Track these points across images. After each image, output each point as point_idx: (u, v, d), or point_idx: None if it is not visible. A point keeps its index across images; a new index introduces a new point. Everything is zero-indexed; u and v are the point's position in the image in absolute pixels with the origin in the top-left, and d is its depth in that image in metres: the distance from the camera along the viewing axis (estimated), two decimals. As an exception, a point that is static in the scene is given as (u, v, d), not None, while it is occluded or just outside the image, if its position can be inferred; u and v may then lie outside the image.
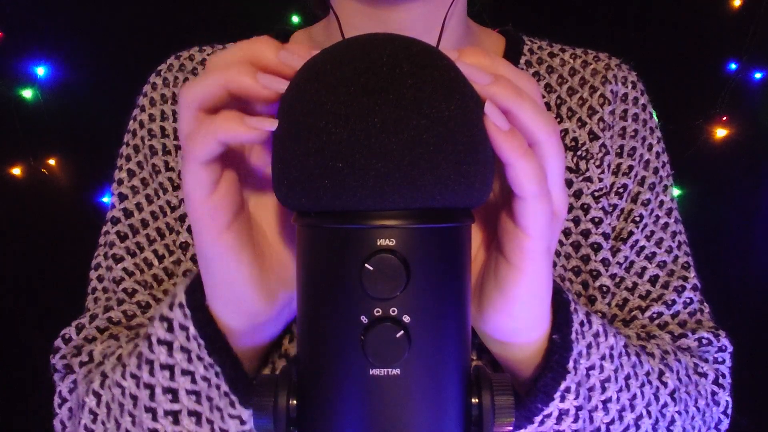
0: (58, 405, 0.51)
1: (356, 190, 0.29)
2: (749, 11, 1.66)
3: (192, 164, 0.34)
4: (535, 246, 0.35)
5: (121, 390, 0.44)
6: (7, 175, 1.69)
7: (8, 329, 1.68)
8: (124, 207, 0.58)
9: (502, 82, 0.33)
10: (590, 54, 0.64)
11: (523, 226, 0.34)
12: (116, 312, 0.54)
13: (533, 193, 0.33)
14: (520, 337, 0.40)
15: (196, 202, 0.35)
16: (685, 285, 0.58)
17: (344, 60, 0.30)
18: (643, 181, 0.60)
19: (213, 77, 0.33)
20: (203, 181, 0.34)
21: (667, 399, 0.49)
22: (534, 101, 0.34)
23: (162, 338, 0.41)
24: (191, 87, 0.34)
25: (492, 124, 0.32)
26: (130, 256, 0.56)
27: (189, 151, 0.33)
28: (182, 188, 0.35)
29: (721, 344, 0.56)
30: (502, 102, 0.33)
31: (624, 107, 0.61)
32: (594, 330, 0.44)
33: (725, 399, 0.55)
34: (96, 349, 0.50)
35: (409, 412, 0.31)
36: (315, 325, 0.32)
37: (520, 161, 0.32)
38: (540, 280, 0.36)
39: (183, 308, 0.40)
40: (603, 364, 0.44)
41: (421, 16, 0.55)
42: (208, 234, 0.35)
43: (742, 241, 1.73)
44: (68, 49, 1.63)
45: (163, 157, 0.58)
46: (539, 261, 0.35)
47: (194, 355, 0.41)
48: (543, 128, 0.34)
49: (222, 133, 0.33)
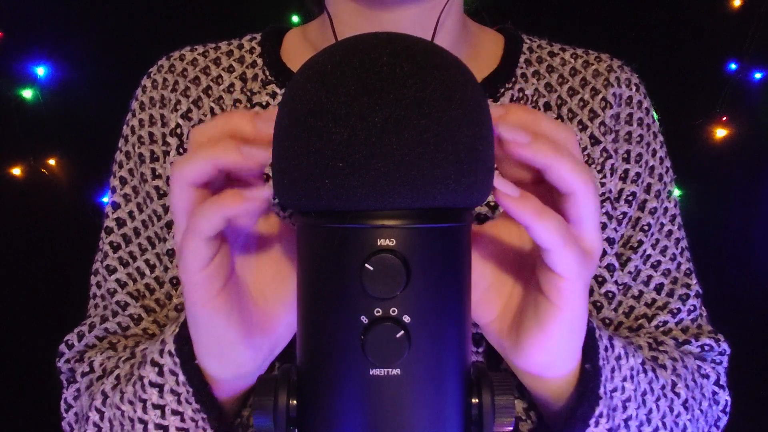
0: (64, 410, 0.56)
1: (356, 190, 0.29)
2: (749, 11, 1.66)
3: (195, 240, 0.35)
4: (571, 286, 0.36)
5: (120, 412, 0.48)
6: (7, 175, 1.69)
7: (8, 329, 1.68)
8: (117, 217, 0.59)
9: (541, 140, 0.35)
10: (591, 54, 0.63)
11: (557, 271, 0.35)
12: (111, 323, 0.57)
13: (557, 246, 0.34)
14: (556, 371, 0.41)
15: (193, 273, 0.36)
16: (688, 293, 0.59)
17: (344, 59, 0.30)
18: (649, 189, 0.60)
19: (201, 157, 0.35)
20: (203, 256, 0.35)
21: (680, 409, 0.51)
22: (571, 155, 0.35)
23: (153, 381, 0.45)
24: (182, 166, 0.35)
25: (503, 194, 0.34)
26: (122, 266, 0.58)
27: (194, 226, 0.35)
28: (179, 259, 0.36)
29: (721, 348, 0.58)
30: (540, 160, 0.34)
31: (629, 111, 0.60)
32: (616, 353, 0.46)
33: (725, 398, 0.57)
34: (96, 359, 0.54)
35: (409, 412, 0.31)
36: (315, 325, 0.32)
37: (537, 223, 0.33)
38: (578, 316, 0.38)
39: (173, 356, 0.43)
40: (624, 385, 0.46)
41: (415, 16, 0.55)
42: (199, 299, 0.37)
43: (742, 241, 1.73)
44: (68, 49, 1.63)
45: (150, 165, 0.58)
46: (577, 299, 0.36)
47: (183, 399, 0.44)
48: (579, 181, 0.35)
49: (228, 209, 0.34)
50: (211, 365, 0.42)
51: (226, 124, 0.36)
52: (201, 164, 0.35)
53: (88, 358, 0.55)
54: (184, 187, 0.35)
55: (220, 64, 0.61)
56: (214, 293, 0.36)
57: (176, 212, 0.37)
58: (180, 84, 0.60)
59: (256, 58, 0.61)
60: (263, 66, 0.60)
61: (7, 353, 1.67)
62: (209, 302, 0.37)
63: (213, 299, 0.37)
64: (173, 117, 0.58)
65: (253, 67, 0.61)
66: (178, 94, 0.59)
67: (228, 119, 0.36)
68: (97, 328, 0.57)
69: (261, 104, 0.58)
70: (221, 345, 0.39)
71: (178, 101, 0.59)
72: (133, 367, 0.49)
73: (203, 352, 0.41)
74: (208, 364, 0.42)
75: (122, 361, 0.52)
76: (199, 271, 0.36)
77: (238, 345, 0.39)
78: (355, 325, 0.30)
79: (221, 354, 0.40)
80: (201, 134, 0.36)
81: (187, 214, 0.36)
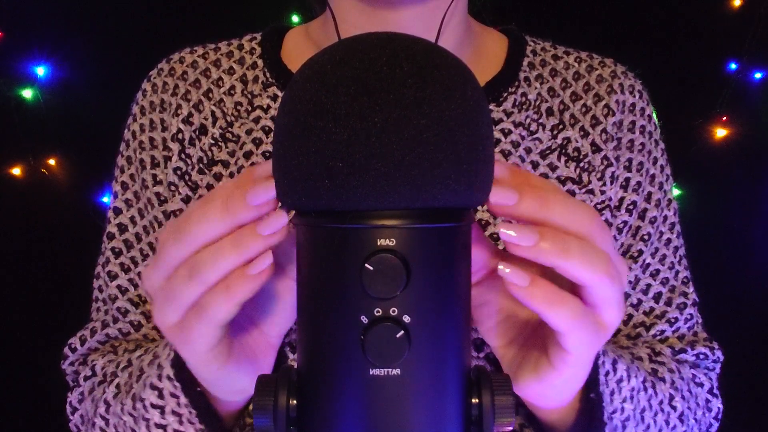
0: (70, 413, 0.57)
1: (356, 190, 0.29)
2: (749, 11, 1.66)
3: (209, 326, 0.34)
4: (578, 360, 0.35)
5: (123, 421, 0.49)
6: (7, 175, 1.69)
7: (8, 329, 1.68)
8: (119, 222, 0.59)
9: (548, 239, 0.32)
10: (596, 59, 0.63)
11: (565, 348, 0.34)
12: (112, 329, 0.57)
13: (569, 331, 0.33)
14: (553, 405, 0.41)
15: (201, 354, 0.36)
16: (686, 302, 0.59)
17: (344, 59, 0.30)
18: (650, 198, 0.59)
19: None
20: (213, 338, 0.35)
21: (676, 422, 0.52)
22: (582, 249, 0.32)
23: (155, 403, 0.45)
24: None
25: (511, 284, 0.32)
26: (123, 272, 0.58)
27: (206, 314, 0.34)
28: (178, 337, 0.36)
29: (715, 357, 0.59)
30: (546, 262, 0.32)
31: (632, 118, 0.60)
32: (618, 376, 0.46)
33: (717, 406, 0.58)
34: (98, 362, 0.55)
35: (409, 412, 0.31)
36: (315, 325, 0.32)
37: (547, 312, 0.33)
38: (582, 373, 0.37)
39: (172, 381, 0.44)
40: (624, 406, 0.46)
41: (419, 16, 0.54)
42: (193, 355, 0.37)
43: (742, 241, 1.73)
44: (68, 49, 1.63)
45: (151, 171, 0.58)
46: (583, 366, 0.36)
47: (185, 419, 0.44)
48: (592, 275, 0.33)
49: (240, 295, 0.33)
50: (212, 389, 0.42)
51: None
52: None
53: (91, 361, 0.55)
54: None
55: (220, 66, 0.61)
56: (208, 349, 0.36)
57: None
58: (180, 88, 0.59)
59: (257, 59, 0.61)
60: (264, 67, 0.60)
61: (7, 353, 1.67)
62: (204, 356, 0.37)
63: (207, 353, 0.36)
64: (174, 121, 0.58)
65: (253, 68, 0.60)
66: (179, 98, 0.59)
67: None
68: (98, 333, 0.57)
69: (262, 107, 0.58)
70: (223, 381, 0.39)
71: (178, 105, 0.59)
72: (131, 377, 0.49)
73: (204, 384, 0.41)
74: (208, 388, 0.42)
75: (120, 370, 0.52)
76: (207, 353, 0.36)
77: (240, 377, 0.39)
78: (355, 325, 0.30)
79: (223, 387, 0.40)
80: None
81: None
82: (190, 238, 0.34)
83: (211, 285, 0.34)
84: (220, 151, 0.57)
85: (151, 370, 0.46)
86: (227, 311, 0.34)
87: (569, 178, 0.56)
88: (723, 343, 0.60)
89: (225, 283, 0.33)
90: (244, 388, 0.40)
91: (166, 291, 0.35)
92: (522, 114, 0.58)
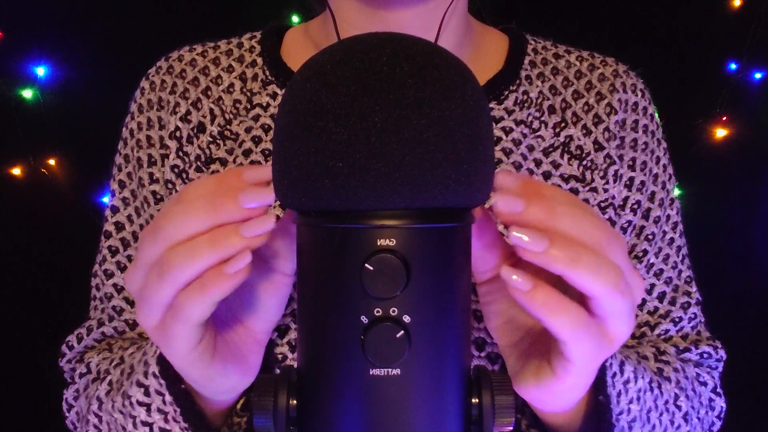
0: (66, 409, 0.57)
1: (356, 190, 0.29)
2: (749, 11, 1.66)
3: (185, 326, 0.34)
4: (580, 370, 0.34)
5: (114, 419, 0.49)
6: (7, 175, 1.69)
7: (8, 329, 1.68)
8: (116, 221, 0.59)
9: (557, 246, 0.32)
10: (597, 58, 0.63)
11: (567, 358, 0.34)
12: (108, 328, 0.57)
13: (571, 340, 0.33)
14: (557, 409, 0.41)
15: (182, 357, 0.36)
16: (689, 301, 0.59)
17: (344, 59, 0.30)
18: (653, 197, 0.59)
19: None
20: (193, 339, 0.35)
21: (681, 421, 0.52)
22: (592, 260, 0.32)
23: (141, 401, 0.45)
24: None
25: (513, 287, 0.32)
26: (120, 271, 0.58)
27: (182, 314, 0.34)
28: (162, 339, 0.36)
29: (718, 356, 0.59)
30: (555, 269, 0.32)
31: (635, 117, 0.60)
32: (625, 378, 0.46)
33: (720, 405, 0.58)
34: (93, 360, 0.55)
35: (409, 412, 0.31)
36: (315, 324, 0.32)
37: (549, 319, 0.32)
38: (584, 383, 0.37)
39: (157, 378, 0.43)
40: (630, 407, 0.46)
41: (419, 16, 0.54)
42: (176, 356, 0.36)
43: (742, 241, 1.73)
44: (68, 49, 1.63)
45: (148, 169, 0.58)
46: (585, 376, 0.36)
47: (170, 417, 0.45)
48: (600, 287, 0.32)
49: (216, 293, 0.33)
50: (199, 389, 0.41)
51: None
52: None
53: (87, 359, 0.56)
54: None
55: (219, 63, 0.60)
56: (190, 350, 0.36)
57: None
58: (178, 86, 0.59)
59: (256, 57, 0.61)
60: (263, 65, 0.60)
61: (6, 353, 1.67)
62: (187, 356, 0.36)
63: (190, 353, 0.36)
64: (172, 119, 0.58)
65: (252, 66, 0.60)
66: (177, 96, 0.59)
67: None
68: (95, 331, 0.58)
69: (261, 105, 0.58)
70: (209, 381, 0.39)
71: (176, 103, 0.58)
72: (123, 374, 0.50)
73: (192, 383, 0.41)
74: (196, 387, 0.42)
75: (113, 367, 0.52)
76: (189, 353, 0.35)
77: (227, 376, 0.38)
78: (355, 325, 0.30)
79: (210, 386, 0.40)
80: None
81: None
82: (165, 235, 0.33)
83: (182, 284, 0.33)
84: (218, 149, 0.57)
85: (139, 368, 0.46)
86: (202, 311, 0.33)
87: (572, 176, 0.56)
88: (723, 342, 0.60)
89: (200, 281, 0.33)
90: (232, 387, 0.40)
91: (143, 292, 0.35)
92: (524, 112, 0.58)
